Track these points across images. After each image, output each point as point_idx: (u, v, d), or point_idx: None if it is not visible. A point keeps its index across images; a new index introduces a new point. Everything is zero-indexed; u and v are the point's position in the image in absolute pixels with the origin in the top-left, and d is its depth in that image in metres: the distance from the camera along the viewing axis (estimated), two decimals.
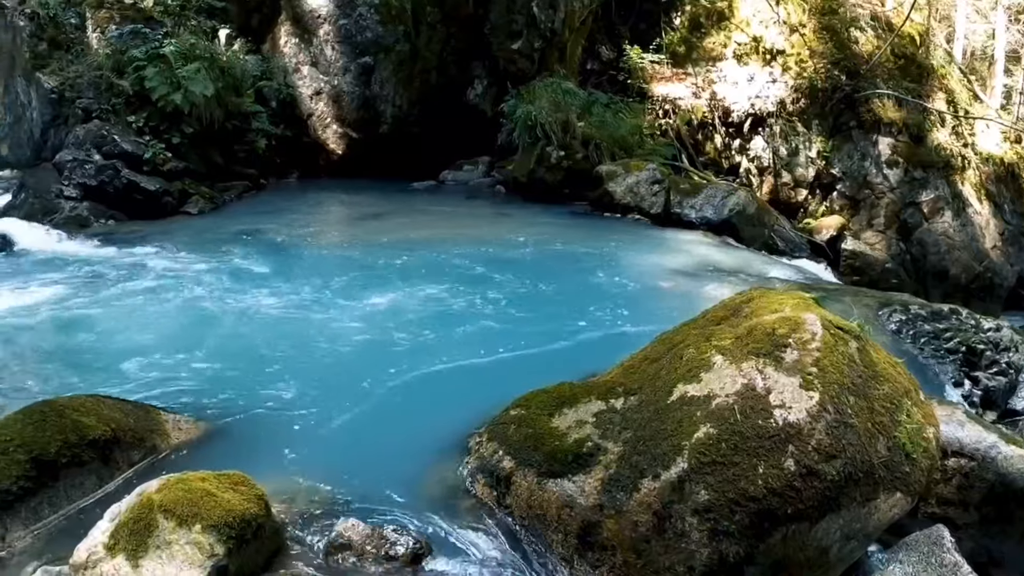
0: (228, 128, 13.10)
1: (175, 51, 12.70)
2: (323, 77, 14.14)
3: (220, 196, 12.76)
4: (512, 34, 14.61)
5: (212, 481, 4.03)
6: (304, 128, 14.39)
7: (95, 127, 12.46)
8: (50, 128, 13.03)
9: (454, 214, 11.83)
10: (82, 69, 13.05)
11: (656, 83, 15.49)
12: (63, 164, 12.32)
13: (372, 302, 7.90)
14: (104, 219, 11.80)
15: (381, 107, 14.08)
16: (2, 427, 4.63)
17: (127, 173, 12.05)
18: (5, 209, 11.88)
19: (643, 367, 4.61)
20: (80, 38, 13.51)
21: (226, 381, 6.22)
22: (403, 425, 5.52)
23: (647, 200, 11.72)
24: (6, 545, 4.24)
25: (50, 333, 7.51)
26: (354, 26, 13.91)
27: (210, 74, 12.71)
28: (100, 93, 12.76)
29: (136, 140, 12.34)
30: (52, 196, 12.05)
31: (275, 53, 14.52)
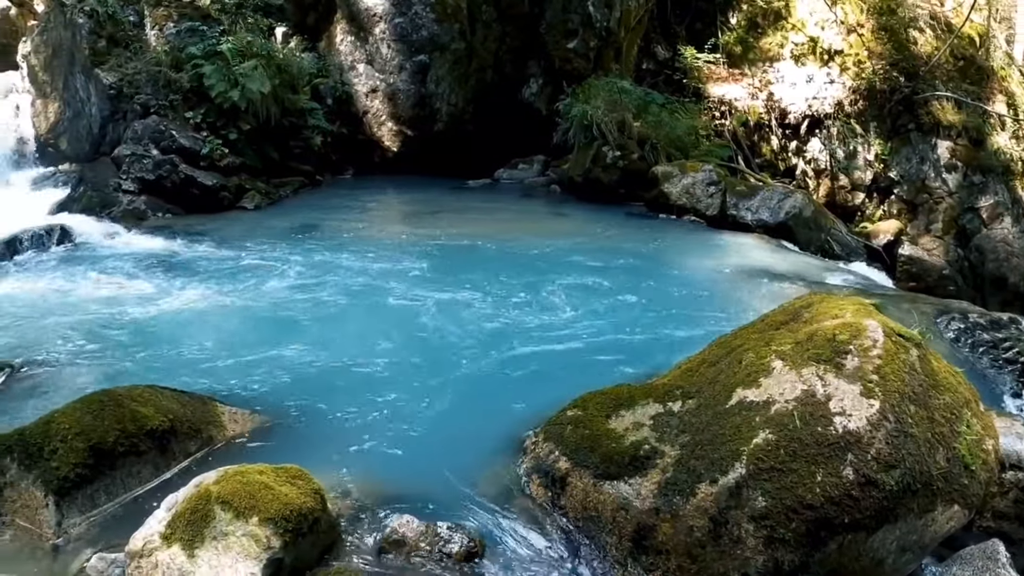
0: (284, 125, 13.20)
1: (232, 48, 12.84)
2: (379, 75, 14.19)
3: (276, 192, 12.89)
4: (567, 33, 14.56)
5: (270, 474, 4.07)
6: (359, 125, 14.44)
7: (153, 122, 12.62)
8: (108, 123, 13.20)
9: (509, 212, 11.83)
10: (140, 66, 13.22)
11: (712, 83, 15.39)
12: (121, 159, 12.49)
13: (427, 299, 7.93)
14: (161, 213, 11.98)
15: (436, 105, 14.10)
16: (61, 415, 4.71)
17: (184, 168, 12.21)
18: (64, 202, 12.11)
19: (701, 370, 4.58)
20: (138, 35, 13.70)
21: (281, 374, 6.29)
22: (458, 422, 5.54)
23: (703, 202, 11.62)
24: (62, 531, 4.33)
25: (107, 324, 7.61)
26: (410, 24, 13.94)
27: (267, 71, 12.82)
28: (158, 89, 12.93)
29: (193, 136, 12.50)
30: (110, 190, 12.24)
31: (331, 51, 14.60)
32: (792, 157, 15.12)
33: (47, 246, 10.53)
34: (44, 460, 4.49)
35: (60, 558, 4.20)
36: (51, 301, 8.46)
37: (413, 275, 8.74)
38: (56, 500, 4.39)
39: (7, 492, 4.49)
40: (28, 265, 9.94)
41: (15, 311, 8.19)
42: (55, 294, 8.70)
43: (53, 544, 4.29)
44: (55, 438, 4.56)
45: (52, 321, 7.79)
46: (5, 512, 4.46)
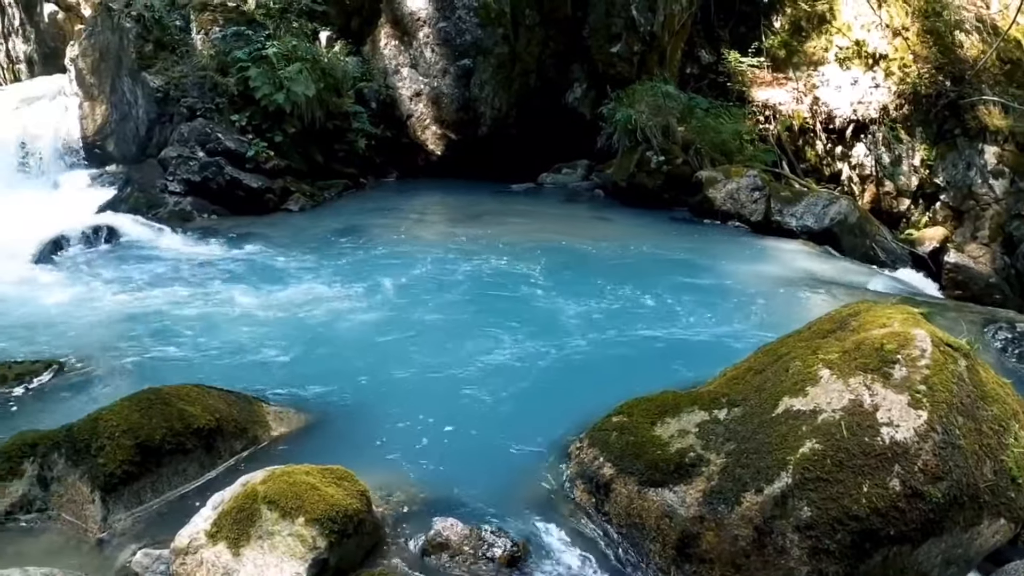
0: (329, 128, 13.30)
1: (277, 52, 12.95)
2: (423, 79, 14.24)
3: (320, 194, 12.99)
4: (611, 37, 14.54)
5: (316, 475, 4.11)
6: (403, 129, 14.48)
7: (199, 125, 12.76)
8: (155, 126, 13.37)
9: (552, 217, 11.83)
10: (187, 69, 13.38)
11: (756, 87, 15.31)
12: (168, 160, 12.64)
13: (469, 302, 8.01)
14: (207, 214, 12.11)
15: (480, 109, 14.13)
16: (109, 413, 4.78)
17: (230, 170, 12.33)
18: (111, 202, 12.27)
19: (747, 378, 4.56)
20: (184, 39, 13.85)
21: (326, 375, 6.33)
22: (502, 424, 5.54)
23: (747, 207, 11.57)
24: (107, 526, 4.38)
25: (152, 323, 7.72)
26: (453, 28, 13.99)
27: (312, 75, 12.92)
28: (204, 92, 13.08)
29: (239, 138, 12.63)
30: (157, 191, 12.40)
31: (375, 55, 14.66)
32: (837, 162, 15.00)
33: (94, 245, 10.68)
34: (91, 456, 4.55)
35: (105, 552, 4.25)
36: (97, 299, 8.59)
37: (456, 278, 8.79)
38: (102, 496, 4.46)
39: (54, 487, 4.57)
40: (75, 263, 10.08)
41: (62, 309, 8.31)
42: (101, 292, 8.82)
43: (98, 538, 4.34)
44: (103, 435, 4.63)
45: (98, 319, 7.93)
46: (52, 506, 4.53)
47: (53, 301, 8.60)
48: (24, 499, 4.56)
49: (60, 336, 7.43)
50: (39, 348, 7.08)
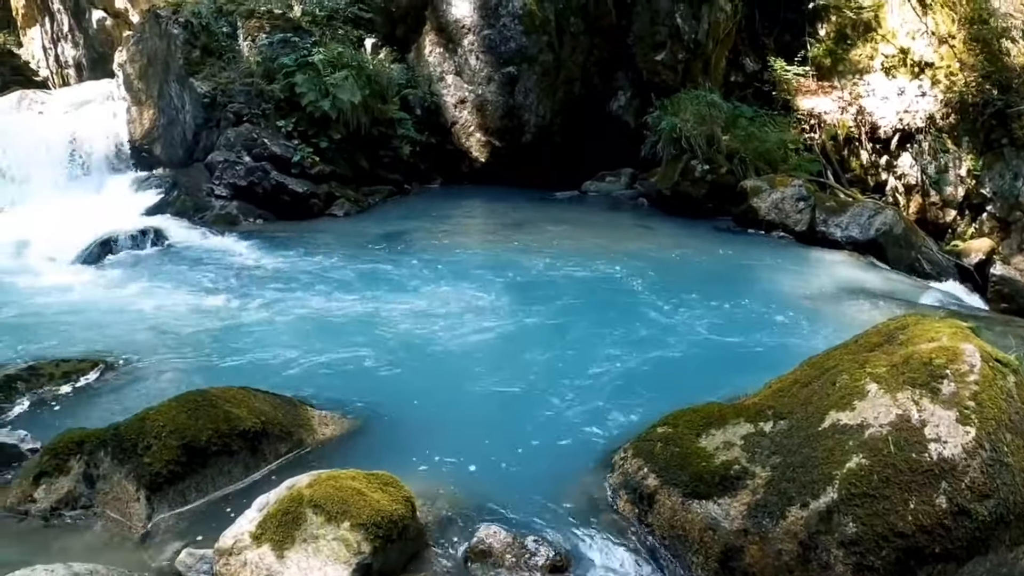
0: (374, 134, 13.40)
1: (323, 59, 13.07)
2: (467, 86, 14.28)
3: (365, 200, 13.11)
4: (656, 45, 14.51)
5: (362, 480, 4.15)
6: (448, 135, 14.54)
7: (246, 130, 12.91)
8: (202, 130, 13.52)
9: (596, 225, 11.81)
10: (233, 75, 13.54)
11: (801, 96, 15.21)
12: (214, 165, 12.80)
13: (515, 309, 8.01)
14: (252, 218, 12.25)
15: (525, 116, 14.14)
16: (156, 413, 4.86)
17: (276, 175, 12.46)
18: (158, 205, 12.44)
19: (794, 391, 4.54)
20: (231, 46, 14.02)
21: (370, 380, 6.40)
22: (546, 432, 5.54)
23: (792, 217, 11.49)
24: (152, 525, 4.45)
25: (198, 325, 7.81)
26: (498, 36, 14.02)
27: (357, 82, 13.02)
28: (251, 98, 13.23)
29: (285, 144, 12.76)
30: (203, 195, 12.57)
31: (420, 62, 14.73)
32: (882, 172, 14.87)
33: (141, 247, 10.83)
34: (138, 456, 4.63)
35: (148, 550, 4.30)
36: (143, 300, 8.70)
37: (499, 286, 8.80)
38: (147, 494, 4.53)
39: (99, 484, 4.64)
40: (123, 265, 10.24)
41: (109, 309, 8.45)
42: (148, 294, 8.94)
43: (142, 536, 4.39)
44: (149, 435, 4.70)
45: (144, 320, 8.03)
46: (97, 503, 4.60)
47: (100, 301, 8.75)
48: (70, 495, 4.64)
49: (107, 336, 7.53)
50: (86, 347, 7.17)
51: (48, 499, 4.63)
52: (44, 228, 11.38)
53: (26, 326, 7.95)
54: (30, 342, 7.40)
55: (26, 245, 10.92)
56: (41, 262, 10.32)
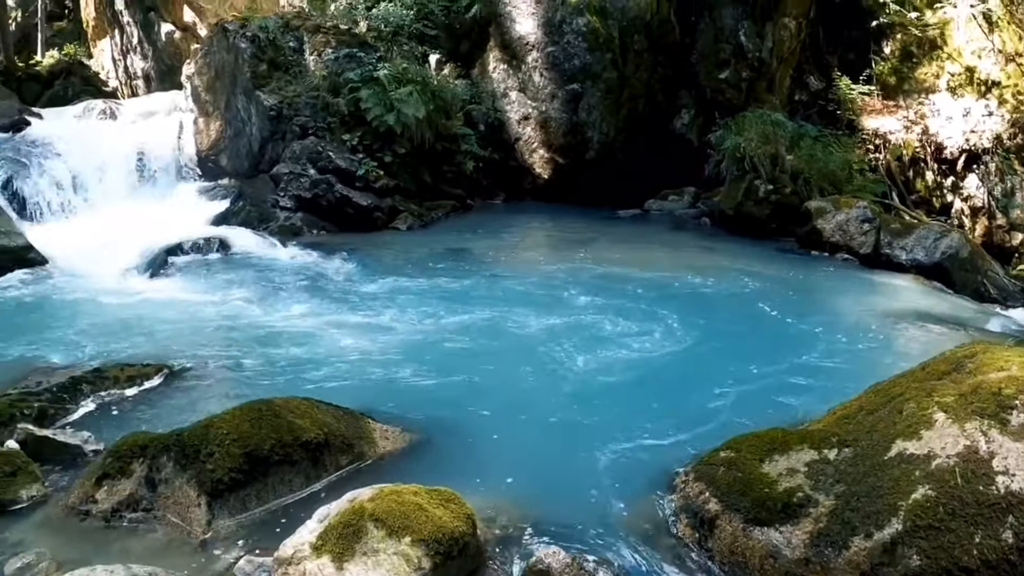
0: (438, 149, 13.51)
1: (389, 74, 13.20)
2: (531, 102, 14.32)
3: (428, 214, 13.22)
4: (719, 63, 14.49)
5: (424, 496, 4.15)
6: (511, 152, 14.63)
7: (311, 143, 13.06)
8: (268, 143, 13.70)
9: (658, 245, 11.77)
10: (300, 89, 13.72)
11: (866, 115, 15.07)
12: (279, 176, 12.95)
13: (576, 328, 7.98)
14: (316, 230, 12.41)
15: (588, 134, 14.16)
16: (220, 421, 4.93)
17: (340, 188, 12.61)
18: (224, 215, 12.66)
19: (859, 418, 4.49)
20: (298, 60, 14.22)
21: (431, 395, 6.42)
22: (606, 452, 5.50)
23: (856, 239, 11.34)
24: (211, 530, 4.49)
25: (261, 333, 7.92)
26: (562, 53, 14.06)
27: (422, 97, 13.12)
28: (316, 112, 13.38)
29: (350, 157, 12.90)
30: (268, 205, 12.73)
31: (484, 78, 14.82)
32: (948, 194, 14.67)
33: (206, 255, 11.06)
34: (200, 462, 4.69)
35: (207, 556, 4.33)
36: (208, 308, 8.85)
37: (563, 303, 8.80)
38: (208, 500, 4.58)
39: (161, 488, 4.69)
40: (188, 272, 10.44)
41: (174, 315, 8.59)
42: (212, 301, 9.09)
43: (201, 542, 4.43)
44: (212, 442, 4.76)
45: (208, 327, 8.17)
46: (157, 507, 4.65)
47: (165, 307, 8.91)
48: (131, 498, 4.69)
49: (171, 341, 7.67)
50: (150, 352, 7.31)
51: (109, 501, 4.69)
52: (112, 234, 11.64)
53: (93, 329, 8.12)
54: (96, 345, 7.56)
55: (94, 250, 11.14)
56: (109, 267, 10.50)
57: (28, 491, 4.87)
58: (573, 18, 13.88)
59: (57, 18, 26.96)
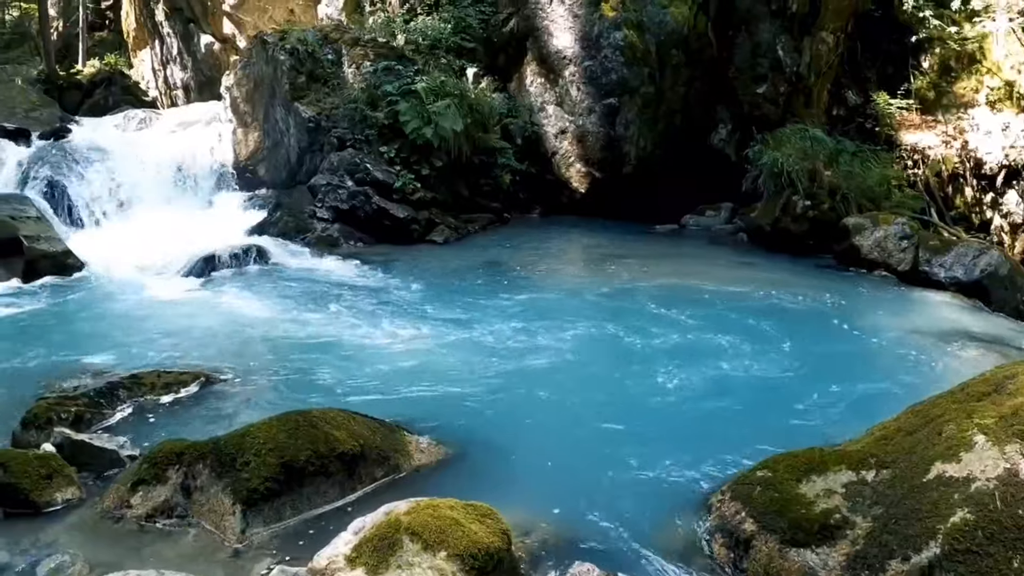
0: (475, 162, 13.57)
1: (426, 88, 13.27)
2: (568, 116, 14.33)
3: (465, 227, 13.27)
4: (757, 78, 14.44)
5: (460, 510, 4.16)
6: (548, 165, 14.63)
7: (349, 155, 13.13)
8: (306, 154, 13.81)
9: (695, 261, 11.75)
10: (338, 101, 13.83)
11: (904, 131, 14.94)
12: (317, 188, 13.04)
13: (612, 344, 7.99)
14: (353, 241, 12.49)
15: (625, 148, 14.14)
16: (257, 430, 4.97)
17: (377, 200, 12.67)
18: (261, 225, 12.78)
19: (897, 439, 4.45)
20: (336, 73, 14.34)
21: (467, 408, 6.43)
22: (641, 468, 5.49)
23: (894, 256, 11.23)
24: (245, 539, 4.52)
25: (296, 343, 7.99)
26: (599, 68, 14.04)
27: (459, 110, 13.17)
28: (354, 124, 13.47)
29: (387, 169, 12.96)
30: (305, 216, 12.82)
31: (521, 92, 14.84)
32: (987, 210, 14.53)
33: (243, 264, 11.15)
34: (236, 471, 4.74)
35: (240, 564, 4.36)
36: (244, 316, 8.95)
37: (597, 319, 8.79)
38: (243, 509, 4.61)
39: (196, 495, 4.75)
40: (225, 280, 10.55)
41: (210, 323, 8.69)
42: (248, 310, 9.19)
43: (235, 549, 4.46)
44: (249, 451, 4.81)
45: (244, 335, 8.25)
46: (192, 514, 4.70)
47: (202, 315, 9.01)
48: (166, 504, 4.75)
49: (207, 349, 7.76)
50: (187, 359, 7.41)
51: (144, 506, 4.74)
52: (150, 242, 11.80)
53: (130, 335, 8.24)
54: (133, 351, 7.67)
55: (132, 258, 11.33)
56: (147, 275, 10.69)
57: (63, 494, 4.94)
58: (610, 32, 13.88)
59: (98, 28, 27.33)
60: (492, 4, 15.38)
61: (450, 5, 15.44)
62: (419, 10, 15.58)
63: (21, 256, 10.72)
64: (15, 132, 15.10)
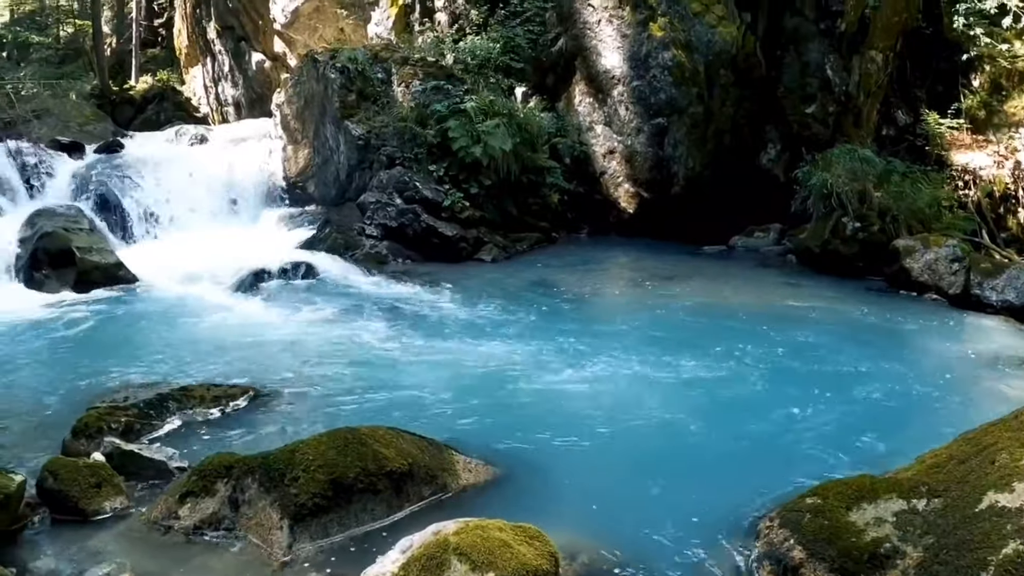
0: (523, 181, 13.59)
1: (475, 107, 13.34)
2: (616, 136, 14.31)
3: (513, 246, 13.31)
4: (805, 98, 14.36)
5: (509, 532, 4.17)
6: (596, 185, 14.61)
7: (398, 173, 13.22)
8: (355, 171, 13.92)
9: (744, 282, 11.68)
10: (387, 119, 13.94)
11: (955, 150, 14.73)
12: (366, 205, 13.14)
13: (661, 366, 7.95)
14: (401, 259, 12.58)
15: (673, 168, 14.08)
16: (306, 446, 5.03)
17: (426, 218, 12.76)
18: (310, 241, 12.89)
19: (949, 467, 4.40)
20: (386, 91, 14.47)
21: (515, 428, 6.44)
22: (687, 493, 5.50)
23: (945, 279, 11.07)
24: (292, 553, 4.57)
25: (345, 360, 8.04)
26: (648, 87, 14.01)
27: (508, 129, 13.22)
28: (404, 142, 13.57)
29: (436, 188, 13.04)
30: (354, 233, 12.92)
31: (569, 111, 14.85)
32: None
33: (293, 279, 11.29)
34: (284, 486, 4.79)
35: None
36: (293, 332, 9.04)
37: (644, 341, 8.76)
38: (291, 524, 4.67)
39: (243, 509, 4.80)
40: (274, 295, 10.68)
41: (259, 338, 8.80)
42: (297, 325, 9.29)
43: (281, 564, 4.51)
44: (298, 466, 4.86)
45: (292, 351, 8.33)
46: (239, 527, 4.76)
47: (252, 329, 9.11)
48: (213, 517, 4.82)
49: (257, 363, 7.86)
50: (236, 372, 7.51)
51: (192, 518, 4.82)
52: (200, 255, 11.97)
53: (180, 348, 8.37)
54: (183, 363, 7.81)
55: (183, 271, 11.48)
56: (197, 288, 10.82)
57: (112, 503, 5.05)
58: (659, 52, 13.86)
59: (151, 45, 27.77)
60: (541, 24, 15.42)
61: (499, 25, 15.55)
62: (468, 30, 15.70)
63: (73, 267, 10.94)
64: (69, 145, 15.40)
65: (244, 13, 22.09)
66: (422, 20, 16.67)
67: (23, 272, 11.14)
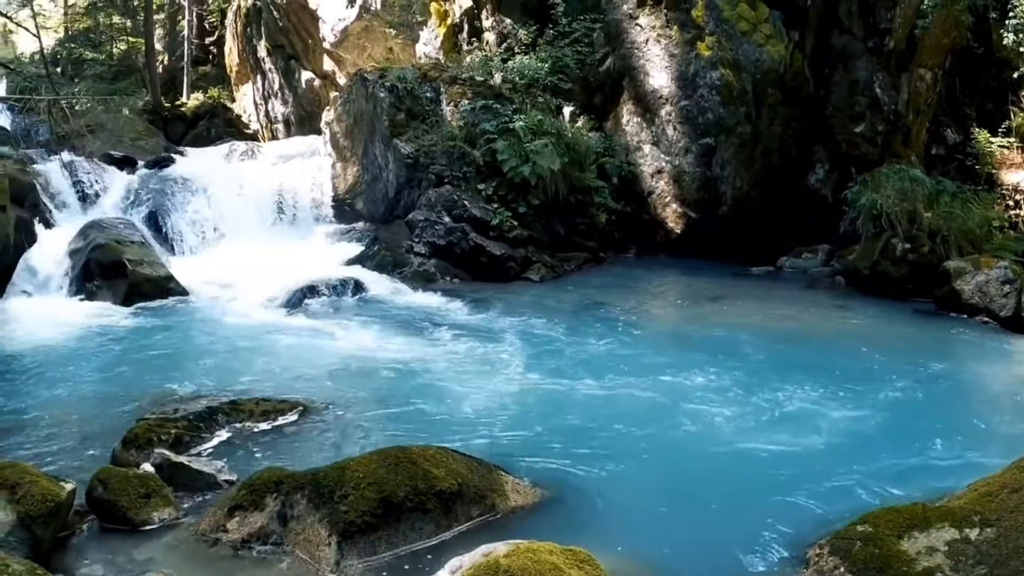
0: (571, 201, 13.67)
1: (524, 126, 13.42)
2: (664, 156, 14.31)
3: (561, 266, 13.36)
4: (854, 117, 14.26)
5: (560, 555, 4.14)
6: (643, 205, 14.64)
7: (446, 191, 13.31)
8: (403, 189, 14.03)
9: (792, 304, 11.60)
10: (436, 138, 14.05)
11: (1005, 170, 14.53)
12: (415, 223, 13.22)
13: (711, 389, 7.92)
14: (449, 277, 12.65)
15: (721, 188, 14.07)
16: (356, 464, 5.05)
17: (474, 236, 12.83)
18: (359, 258, 13.04)
19: (1002, 496, 4.37)
20: (434, 110, 14.61)
21: (563, 450, 6.41)
22: (737, 517, 5.46)
23: (996, 301, 10.91)
24: (339, 570, 4.58)
25: (394, 377, 8.11)
26: (695, 107, 14.01)
27: (556, 149, 13.29)
28: (452, 161, 13.67)
29: (484, 207, 13.12)
30: (402, 251, 13.03)
31: (617, 131, 14.89)
32: None
33: (341, 296, 11.39)
34: (334, 503, 4.81)
35: None
36: (342, 348, 9.10)
37: (693, 363, 8.69)
38: (339, 541, 4.68)
39: (292, 524, 4.83)
40: (323, 311, 10.77)
41: (309, 353, 8.88)
42: (346, 341, 9.34)
43: None
44: (348, 484, 4.88)
45: (341, 366, 8.40)
46: (287, 542, 4.78)
47: (301, 345, 9.19)
48: (262, 531, 4.84)
49: (305, 379, 7.92)
50: (285, 388, 7.55)
51: (240, 531, 4.85)
52: (250, 270, 12.12)
53: (230, 361, 8.47)
54: (232, 377, 7.88)
55: (233, 285, 11.64)
56: (248, 303, 10.94)
57: (160, 513, 5.10)
58: (707, 72, 13.86)
59: (202, 63, 28.12)
60: (588, 44, 15.48)
61: (547, 45, 15.62)
62: (516, 49, 15.76)
63: (125, 279, 11.13)
64: (122, 160, 15.67)
65: (294, 32, 22.36)
66: (470, 40, 16.81)
67: (75, 283, 11.37)
